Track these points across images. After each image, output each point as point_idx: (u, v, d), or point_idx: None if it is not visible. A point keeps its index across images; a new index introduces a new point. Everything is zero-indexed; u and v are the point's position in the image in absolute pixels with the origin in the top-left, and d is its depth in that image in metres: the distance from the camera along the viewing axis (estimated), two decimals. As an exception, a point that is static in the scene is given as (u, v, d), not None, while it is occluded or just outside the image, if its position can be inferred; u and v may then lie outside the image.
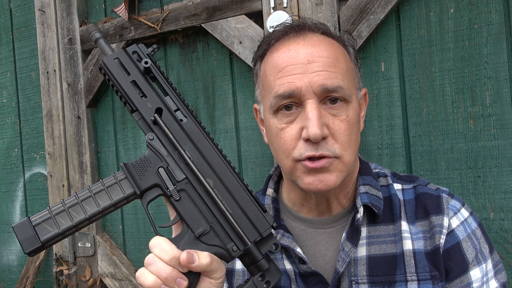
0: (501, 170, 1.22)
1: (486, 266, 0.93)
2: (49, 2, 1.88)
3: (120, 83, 0.76)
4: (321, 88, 0.87)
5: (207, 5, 1.55)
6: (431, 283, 0.89)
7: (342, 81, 0.90)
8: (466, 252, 0.92)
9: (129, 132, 1.81)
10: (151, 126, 0.75)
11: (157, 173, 0.73)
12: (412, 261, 0.91)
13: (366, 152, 1.37)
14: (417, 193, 0.98)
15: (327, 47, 0.92)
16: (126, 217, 1.82)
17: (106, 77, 0.79)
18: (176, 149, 0.75)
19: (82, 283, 1.85)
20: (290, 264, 0.98)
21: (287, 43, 0.94)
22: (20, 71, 2.09)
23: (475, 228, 0.95)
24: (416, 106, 1.31)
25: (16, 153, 2.11)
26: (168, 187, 0.74)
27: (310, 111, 0.86)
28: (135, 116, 0.76)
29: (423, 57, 1.30)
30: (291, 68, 0.89)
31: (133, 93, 0.76)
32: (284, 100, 0.89)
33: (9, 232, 2.14)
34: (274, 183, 1.09)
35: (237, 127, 1.59)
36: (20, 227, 0.69)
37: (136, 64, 0.78)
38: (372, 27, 1.31)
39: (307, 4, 1.39)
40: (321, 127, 0.86)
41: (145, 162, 0.74)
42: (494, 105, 1.23)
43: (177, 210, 0.74)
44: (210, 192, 0.74)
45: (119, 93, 0.77)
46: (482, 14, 1.23)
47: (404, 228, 0.94)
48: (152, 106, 0.76)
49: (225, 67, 1.61)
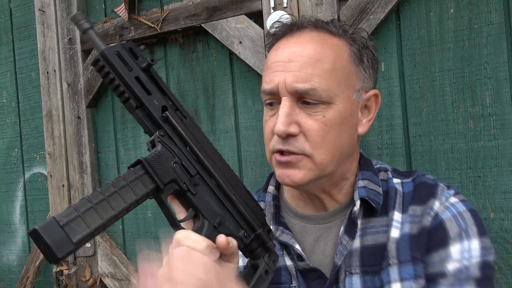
0: (501, 170, 1.22)
1: (470, 244, 0.89)
2: (49, 2, 1.88)
3: (125, 78, 0.73)
4: (293, 89, 0.90)
5: (207, 5, 1.55)
6: (412, 264, 0.89)
7: (319, 82, 0.89)
8: (449, 229, 0.91)
9: (129, 132, 1.81)
10: (161, 123, 0.74)
11: (173, 168, 0.73)
12: (394, 247, 0.92)
13: (366, 152, 1.37)
14: (416, 183, 0.99)
15: (313, 46, 0.92)
16: (126, 217, 1.82)
17: (104, 70, 0.72)
18: (187, 145, 0.76)
19: (82, 283, 1.85)
20: (291, 261, 0.99)
21: (281, 43, 0.97)
22: (20, 71, 2.09)
23: (463, 211, 0.93)
24: (416, 106, 1.31)
25: (16, 153, 2.11)
26: (185, 182, 0.74)
27: (281, 108, 0.91)
28: (138, 113, 0.74)
29: (423, 57, 1.30)
30: (274, 65, 0.94)
31: (139, 89, 0.73)
32: (267, 96, 0.95)
33: (9, 232, 2.14)
34: (275, 180, 1.10)
35: (237, 127, 1.59)
36: (47, 229, 0.60)
37: (135, 61, 0.75)
38: (372, 27, 1.31)
39: (307, 4, 1.39)
40: (287, 124, 0.89)
41: (161, 158, 0.73)
42: (494, 105, 1.23)
43: (193, 204, 0.75)
44: (221, 185, 0.78)
45: (121, 88, 0.73)
46: (482, 14, 1.23)
47: (395, 218, 0.95)
48: (159, 103, 0.74)
49: (225, 67, 1.61)
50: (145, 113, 0.74)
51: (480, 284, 0.86)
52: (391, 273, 0.90)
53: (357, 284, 0.93)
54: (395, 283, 0.89)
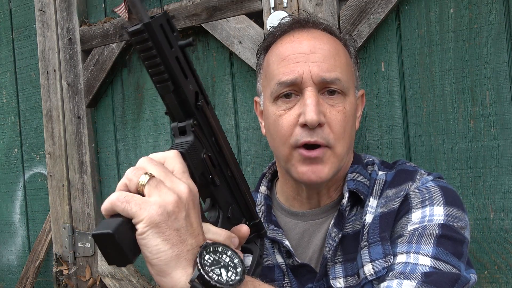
0: (501, 170, 1.22)
1: (432, 210, 0.87)
2: (49, 2, 1.88)
3: (168, 58, 0.64)
4: (320, 78, 0.91)
5: (207, 5, 1.55)
6: (380, 243, 0.88)
7: (341, 73, 0.94)
8: (412, 199, 0.90)
9: (129, 132, 1.81)
10: (194, 110, 0.68)
11: (203, 160, 0.70)
12: (366, 230, 0.92)
13: (366, 152, 1.37)
14: (396, 170, 1.00)
15: (329, 41, 0.97)
16: (126, 217, 1.82)
17: (147, 44, 0.62)
18: (214, 136, 0.73)
19: (82, 283, 1.85)
20: (282, 258, 1.01)
21: (292, 35, 0.99)
22: (20, 71, 2.09)
23: (431, 186, 0.92)
24: (416, 106, 1.31)
25: (16, 153, 2.11)
26: (211, 174, 0.72)
27: (309, 98, 0.90)
28: (170, 97, 0.66)
29: (423, 57, 1.30)
30: (294, 56, 0.94)
31: (179, 71, 0.66)
32: (285, 88, 0.94)
33: (9, 232, 2.14)
34: (267, 181, 1.13)
35: (237, 127, 1.59)
36: (119, 230, 0.56)
37: (175, 36, 0.66)
38: (372, 27, 1.31)
39: (307, 4, 1.39)
40: (318, 113, 0.89)
41: (194, 149, 0.68)
42: (494, 105, 1.23)
43: (214, 196, 0.74)
44: (236, 176, 0.77)
45: (162, 68, 0.64)
46: (482, 14, 1.23)
47: (371, 204, 0.96)
48: (193, 89, 0.68)
49: (225, 67, 1.61)
50: (179, 98, 0.67)
51: (437, 241, 0.81)
52: (363, 256, 0.90)
53: (339, 272, 0.93)
54: (367, 265, 0.89)
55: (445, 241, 0.82)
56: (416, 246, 0.81)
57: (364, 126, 1.38)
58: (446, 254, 0.80)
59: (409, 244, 0.83)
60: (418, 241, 0.82)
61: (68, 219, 1.86)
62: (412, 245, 0.82)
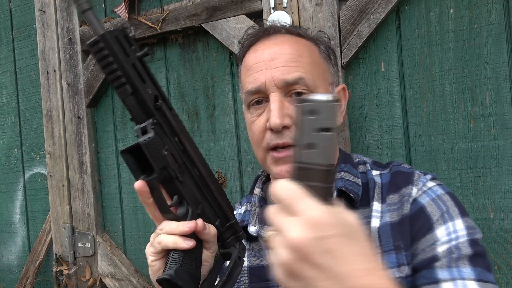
0: (501, 170, 1.22)
1: (454, 225, 0.90)
2: (49, 2, 1.88)
3: (123, 63, 0.71)
4: (282, 81, 0.96)
5: (207, 5, 1.55)
6: (394, 253, 0.90)
7: (305, 73, 0.97)
8: (431, 213, 0.92)
9: (129, 132, 1.81)
10: (154, 111, 0.75)
11: (165, 155, 0.75)
12: (376, 237, 0.93)
13: (366, 152, 1.37)
14: (392, 172, 1.02)
15: (291, 45, 1.01)
16: (126, 217, 1.82)
17: (103, 53, 0.70)
18: (176, 135, 0.78)
19: (82, 283, 1.85)
20: None
21: (255, 45, 1.05)
22: (20, 71, 2.09)
23: (442, 194, 0.95)
24: (416, 106, 1.31)
25: (16, 153, 2.11)
26: (174, 169, 0.76)
27: (272, 103, 0.96)
28: (132, 99, 0.73)
29: (423, 57, 1.30)
30: (257, 65, 1.00)
31: (135, 75, 0.73)
32: (252, 95, 1.00)
33: (9, 232, 2.14)
34: (262, 183, 1.16)
35: (237, 127, 1.59)
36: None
37: (131, 48, 0.74)
38: (372, 27, 1.31)
39: (307, 4, 1.39)
40: (282, 117, 0.94)
41: (154, 144, 0.74)
42: (494, 105, 1.23)
43: (180, 191, 0.78)
44: (203, 176, 0.81)
45: (119, 73, 0.72)
46: (482, 14, 1.23)
47: (375, 208, 0.97)
48: (152, 92, 0.75)
49: (225, 67, 1.61)
50: (138, 100, 0.74)
51: (473, 261, 0.86)
52: None
53: None
54: None
55: (479, 259, 0.87)
56: (457, 270, 0.85)
57: (364, 126, 1.38)
58: (483, 272, 0.85)
59: (449, 269, 0.86)
60: (457, 265, 0.86)
61: (68, 219, 1.86)
62: (452, 270, 0.85)
